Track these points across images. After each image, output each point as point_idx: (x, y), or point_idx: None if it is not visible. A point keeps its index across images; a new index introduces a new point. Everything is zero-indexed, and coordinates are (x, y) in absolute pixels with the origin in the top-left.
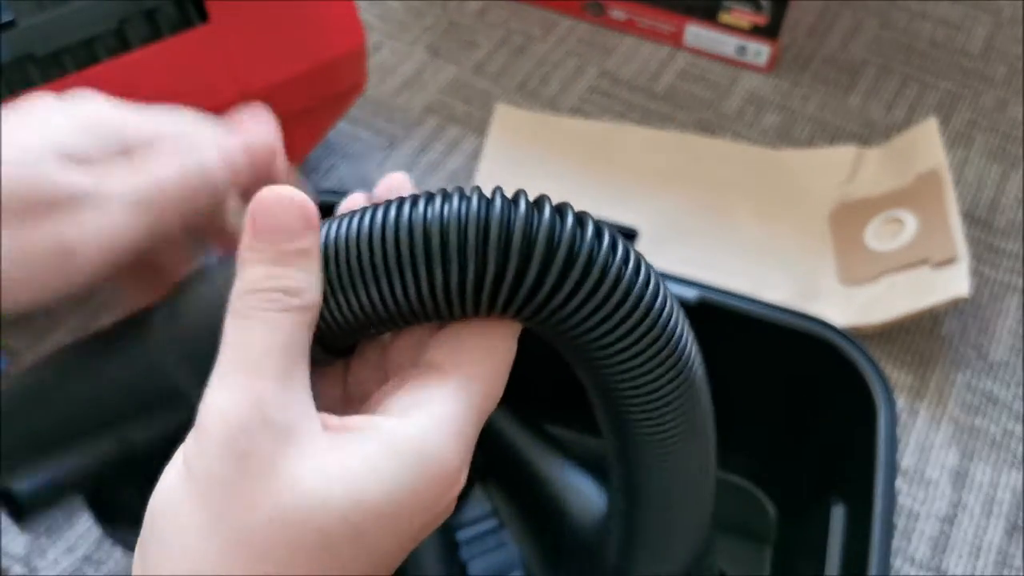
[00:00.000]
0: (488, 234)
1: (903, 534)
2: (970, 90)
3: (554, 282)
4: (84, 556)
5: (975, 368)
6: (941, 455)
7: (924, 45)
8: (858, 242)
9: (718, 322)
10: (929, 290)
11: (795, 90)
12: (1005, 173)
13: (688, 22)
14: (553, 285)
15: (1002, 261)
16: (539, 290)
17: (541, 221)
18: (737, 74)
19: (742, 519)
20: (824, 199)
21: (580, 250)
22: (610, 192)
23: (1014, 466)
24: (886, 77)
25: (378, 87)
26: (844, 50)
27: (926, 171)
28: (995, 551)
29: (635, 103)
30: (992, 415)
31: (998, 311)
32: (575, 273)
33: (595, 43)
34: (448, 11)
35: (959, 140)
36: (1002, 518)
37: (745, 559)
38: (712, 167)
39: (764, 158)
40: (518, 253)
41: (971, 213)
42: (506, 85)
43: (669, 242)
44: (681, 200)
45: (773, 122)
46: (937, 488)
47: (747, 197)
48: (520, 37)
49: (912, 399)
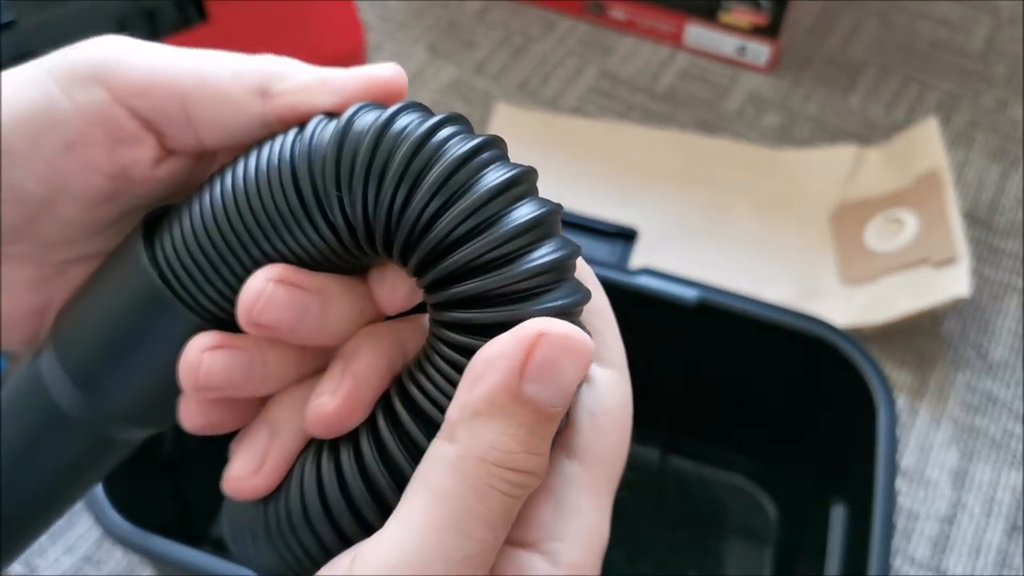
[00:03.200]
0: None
1: (903, 534)
2: (970, 90)
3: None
4: (84, 556)
5: (975, 368)
6: (941, 455)
7: (924, 45)
8: (858, 242)
9: (718, 322)
10: (929, 290)
11: (795, 90)
12: (1005, 173)
13: (688, 22)
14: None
15: (1002, 261)
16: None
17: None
18: (737, 74)
19: (742, 519)
20: (824, 199)
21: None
22: (610, 192)
23: (1014, 466)
24: (886, 77)
25: None
26: (844, 50)
27: (926, 171)
28: (995, 551)
29: (635, 103)
30: (992, 415)
31: (998, 311)
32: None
33: (595, 43)
34: (448, 11)
35: (959, 140)
36: (1002, 518)
37: (745, 559)
38: (712, 167)
39: (764, 158)
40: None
41: (971, 213)
42: (506, 85)
43: (669, 242)
44: (681, 200)
45: (773, 122)
46: (937, 488)
47: (747, 197)
48: (520, 37)
49: (912, 399)
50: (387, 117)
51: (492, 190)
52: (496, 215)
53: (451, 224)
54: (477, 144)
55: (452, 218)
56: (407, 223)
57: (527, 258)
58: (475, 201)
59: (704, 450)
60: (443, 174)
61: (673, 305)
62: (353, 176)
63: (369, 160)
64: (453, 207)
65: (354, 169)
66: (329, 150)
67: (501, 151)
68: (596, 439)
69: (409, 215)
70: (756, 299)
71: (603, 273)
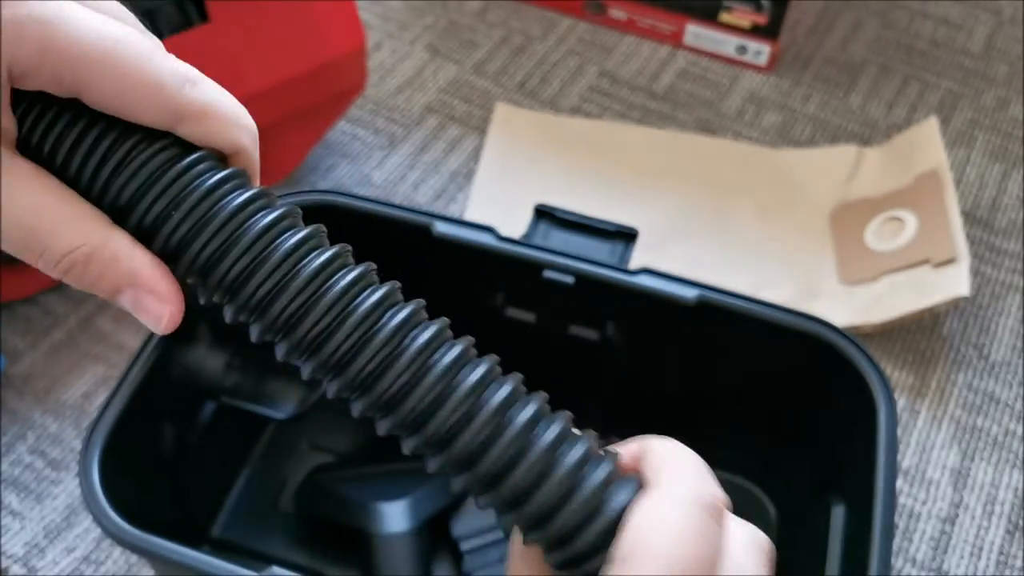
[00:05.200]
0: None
1: (904, 534)
2: (971, 89)
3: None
4: (83, 556)
5: (976, 368)
6: (942, 455)
7: (925, 45)
8: (858, 242)
9: (718, 322)
10: (929, 290)
11: (795, 90)
12: (1006, 173)
13: (688, 22)
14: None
15: (1002, 261)
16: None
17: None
18: (737, 74)
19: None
20: (824, 199)
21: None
22: (610, 191)
23: (1015, 466)
24: (886, 77)
25: (378, 87)
26: (844, 50)
27: (926, 171)
28: (996, 551)
29: (635, 103)
30: (993, 415)
31: (998, 311)
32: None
33: (595, 43)
34: (448, 11)
35: (960, 140)
36: (1003, 518)
37: None
38: (712, 167)
39: (764, 158)
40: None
41: (972, 213)
42: (506, 84)
43: (669, 242)
44: (681, 200)
45: (773, 122)
46: (938, 488)
47: (747, 197)
48: (520, 37)
49: (913, 399)
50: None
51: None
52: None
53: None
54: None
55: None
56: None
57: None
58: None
59: (704, 450)
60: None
61: (673, 305)
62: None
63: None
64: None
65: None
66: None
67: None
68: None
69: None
70: (756, 299)
71: (603, 273)
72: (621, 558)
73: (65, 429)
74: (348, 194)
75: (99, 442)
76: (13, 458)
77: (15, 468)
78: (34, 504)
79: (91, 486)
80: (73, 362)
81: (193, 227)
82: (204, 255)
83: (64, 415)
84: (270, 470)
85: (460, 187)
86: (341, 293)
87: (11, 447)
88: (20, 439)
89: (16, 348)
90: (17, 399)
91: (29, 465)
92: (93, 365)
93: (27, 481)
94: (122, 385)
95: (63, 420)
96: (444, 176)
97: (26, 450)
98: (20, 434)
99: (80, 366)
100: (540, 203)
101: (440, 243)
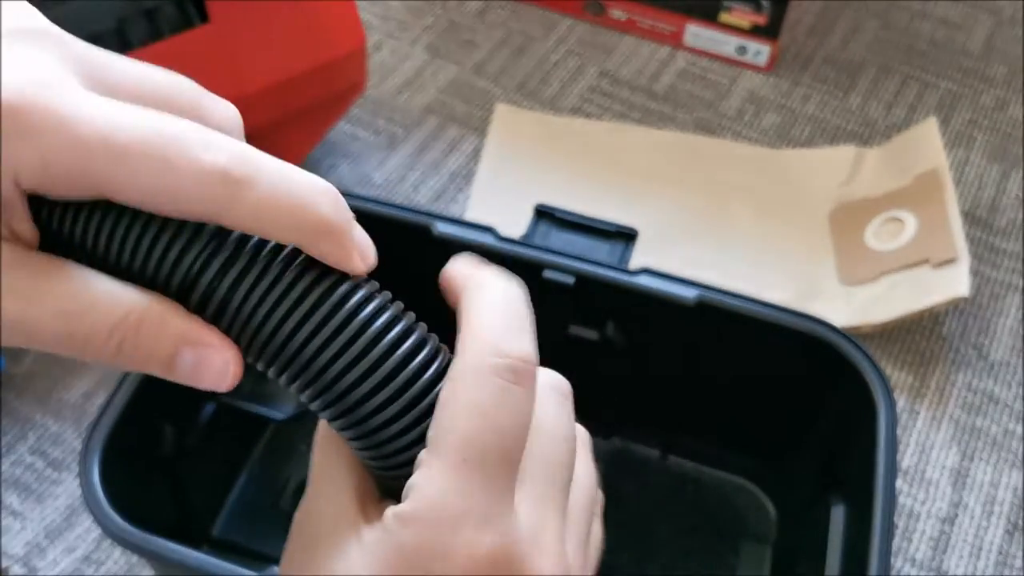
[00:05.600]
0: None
1: (903, 534)
2: (970, 90)
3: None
4: (83, 556)
5: (975, 368)
6: (941, 455)
7: (924, 45)
8: (858, 242)
9: (718, 322)
10: (929, 290)
11: (795, 90)
12: (1005, 173)
13: (688, 22)
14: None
15: (1002, 261)
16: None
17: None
18: (737, 74)
19: (742, 519)
20: (824, 199)
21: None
22: (610, 192)
23: (1015, 466)
24: (886, 77)
25: (378, 87)
26: (844, 50)
27: (926, 171)
28: (996, 551)
29: (635, 103)
30: (993, 415)
31: (998, 311)
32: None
33: (595, 43)
34: (448, 11)
35: (959, 140)
36: (1003, 518)
37: (745, 559)
38: (712, 167)
39: (764, 158)
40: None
41: (971, 213)
42: (506, 85)
43: (669, 242)
44: (681, 200)
45: (773, 122)
46: (937, 488)
47: (747, 197)
48: (520, 37)
49: (912, 399)
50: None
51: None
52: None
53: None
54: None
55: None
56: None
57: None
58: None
59: (704, 450)
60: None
61: (673, 305)
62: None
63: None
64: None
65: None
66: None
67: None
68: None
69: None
70: (756, 299)
71: (603, 273)
72: (428, 442)
73: (65, 429)
74: (348, 194)
75: (99, 442)
76: (14, 458)
77: (16, 468)
78: (35, 504)
79: (91, 486)
80: (73, 362)
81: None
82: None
83: (64, 415)
84: (270, 470)
85: (460, 187)
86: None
87: (11, 447)
88: (21, 439)
89: (16, 348)
90: (17, 399)
91: (30, 465)
92: (93, 365)
93: (28, 481)
94: (122, 385)
95: (63, 420)
96: (444, 176)
97: (27, 450)
98: (21, 434)
99: (80, 366)
100: (540, 203)
101: (440, 243)
